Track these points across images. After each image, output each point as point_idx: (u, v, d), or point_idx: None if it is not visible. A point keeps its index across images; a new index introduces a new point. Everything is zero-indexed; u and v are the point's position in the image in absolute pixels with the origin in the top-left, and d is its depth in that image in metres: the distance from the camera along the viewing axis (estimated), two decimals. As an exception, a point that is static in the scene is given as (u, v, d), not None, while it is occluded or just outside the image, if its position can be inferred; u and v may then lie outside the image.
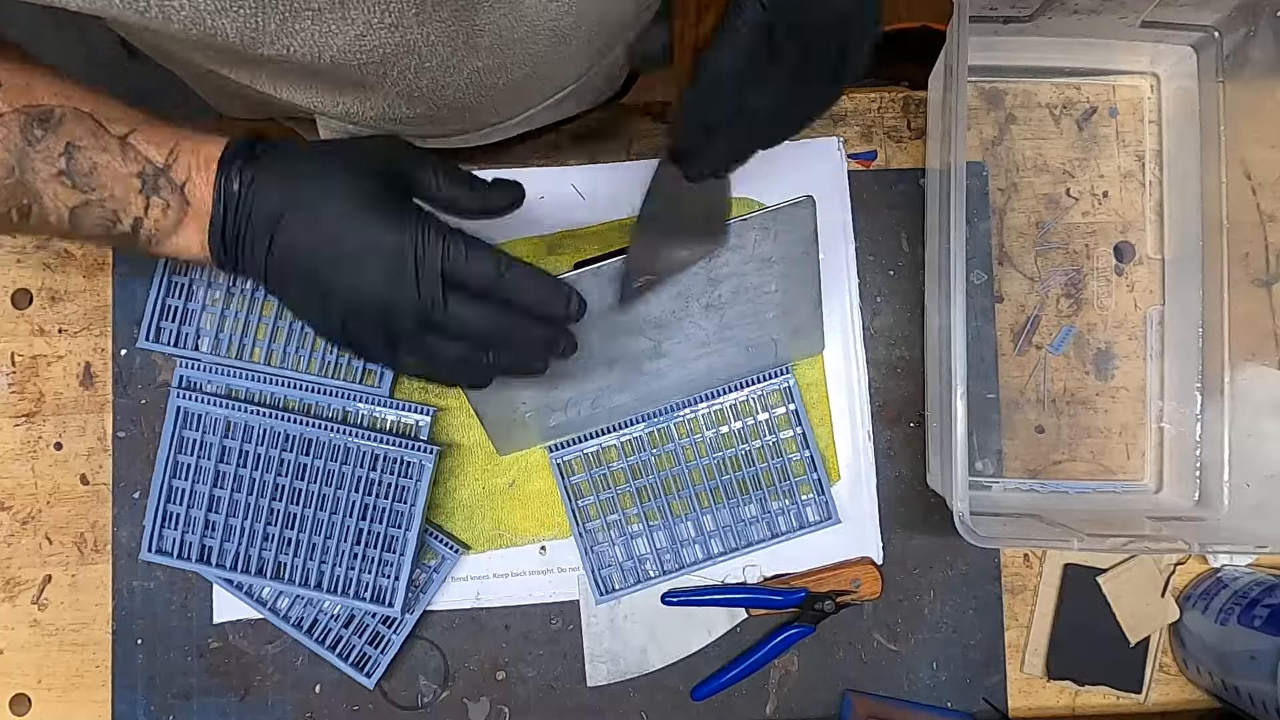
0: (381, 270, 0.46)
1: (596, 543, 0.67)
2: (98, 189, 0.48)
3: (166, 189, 0.48)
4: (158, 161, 0.48)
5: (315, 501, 0.65)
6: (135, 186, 0.48)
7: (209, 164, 0.48)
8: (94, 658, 0.67)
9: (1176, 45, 0.69)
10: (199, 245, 0.49)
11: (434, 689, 0.67)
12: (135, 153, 0.48)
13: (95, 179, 0.47)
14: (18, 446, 0.67)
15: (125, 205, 0.48)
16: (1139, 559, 0.68)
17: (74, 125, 0.48)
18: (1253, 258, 0.64)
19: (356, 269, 0.47)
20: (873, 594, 0.67)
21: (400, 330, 0.48)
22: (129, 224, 0.49)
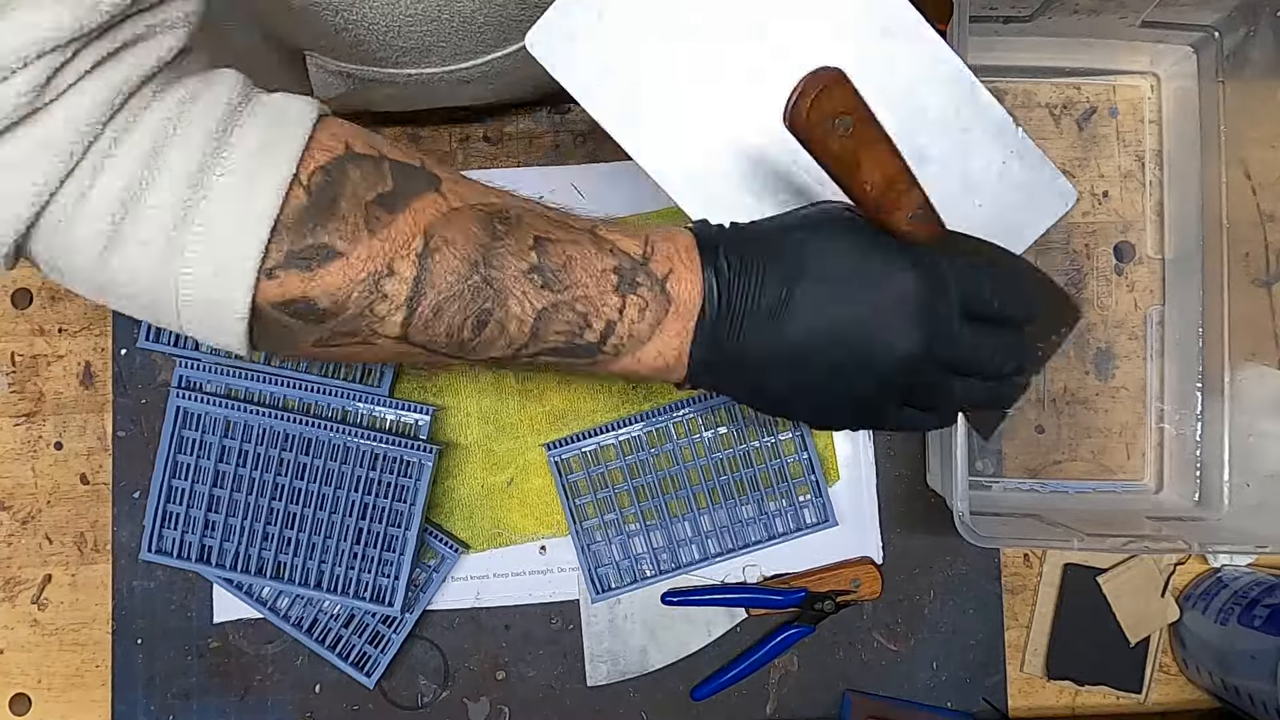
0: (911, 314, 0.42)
1: (593, 541, 0.67)
2: (571, 287, 0.41)
3: (646, 285, 0.42)
4: (635, 253, 0.42)
5: (315, 501, 0.65)
6: (611, 284, 0.42)
7: (689, 252, 0.43)
8: (94, 658, 0.67)
9: (1176, 45, 0.68)
10: (676, 351, 0.43)
11: (434, 689, 0.67)
12: (609, 245, 0.42)
13: (569, 275, 0.41)
14: (18, 446, 0.68)
15: (598, 306, 0.42)
16: (1139, 559, 0.68)
17: (535, 221, 0.42)
18: (1253, 258, 0.64)
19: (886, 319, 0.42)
20: (873, 594, 0.67)
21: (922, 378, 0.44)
22: (599, 329, 0.42)
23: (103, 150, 0.34)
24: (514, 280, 0.41)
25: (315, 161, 0.38)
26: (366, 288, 0.39)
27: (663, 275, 0.42)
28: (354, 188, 0.38)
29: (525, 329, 0.42)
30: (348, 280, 0.38)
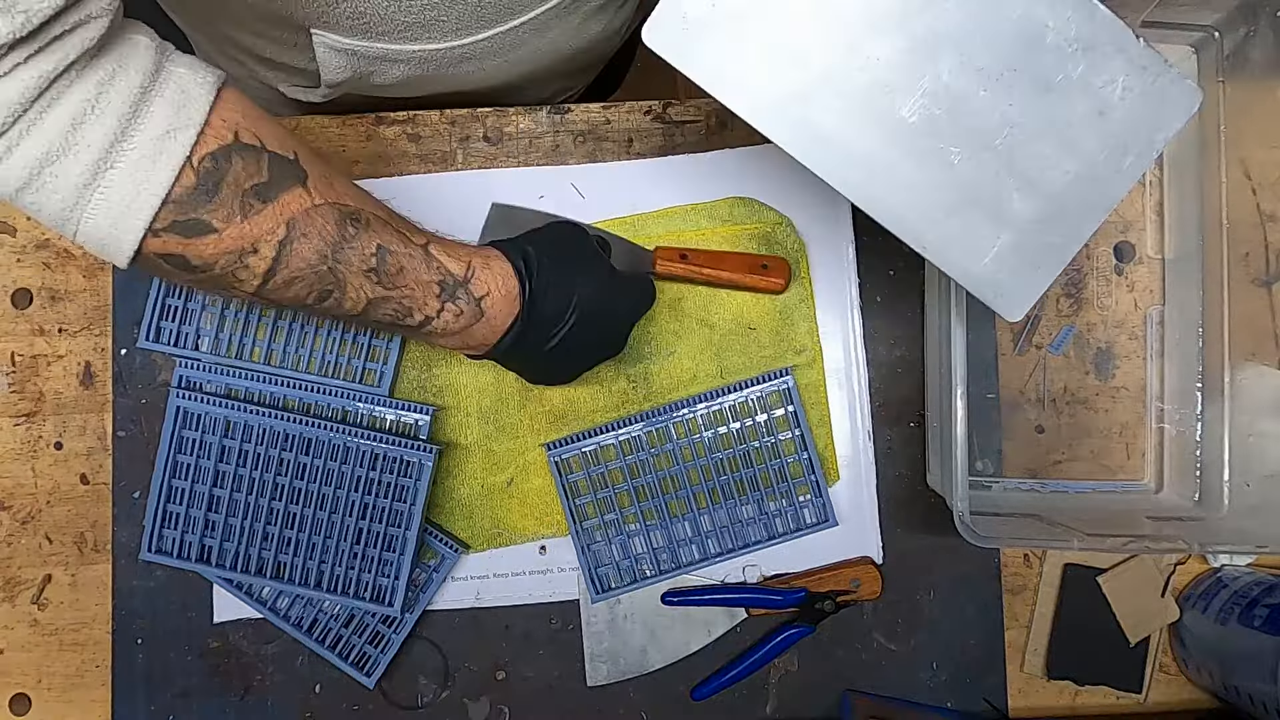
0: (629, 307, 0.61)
1: (593, 541, 0.67)
2: (400, 288, 0.52)
3: (464, 299, 0.54)
4: (457, 275, 0.53)
5: (315, 501, 0.65)
6: (434, 292, 0.53)
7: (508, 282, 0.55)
8: (94, 657, 0.67)
9: (1176, 45, 0.68)
10: (479, 342, 0.56)
11: (434, 689, 0.67)
12: (437, 264, 0.53)
13: (400, 280, 0.51)
14: (18, 446, 0.68)
15: (420, 305, 0.53)
16: (1139, 559, 0.68)
17: (381, 229, 0.51)
18: (1253, 258, 0.64)
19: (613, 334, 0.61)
20: (873, 594, 0.67)
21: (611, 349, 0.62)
22: (418, 320, 0.53)
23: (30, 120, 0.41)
24: (354, 274, 0.50)
25: (206, 148, 0.44)
26: (231, 259, 0.46)
27: (479, 295, 0.54)
28: (235, 176, 0.45)
29: (359, 308, 0.51)
30: (218, 251, 0.46)
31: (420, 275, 0.52)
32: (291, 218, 0.47)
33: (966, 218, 0.49)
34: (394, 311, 0.52)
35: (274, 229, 0.46)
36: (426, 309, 0.53)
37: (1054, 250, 0.50)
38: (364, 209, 0.51)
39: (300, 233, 0.47)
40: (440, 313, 0.53)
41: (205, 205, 0.45)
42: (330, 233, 0.48)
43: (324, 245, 0.48)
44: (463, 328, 0.55)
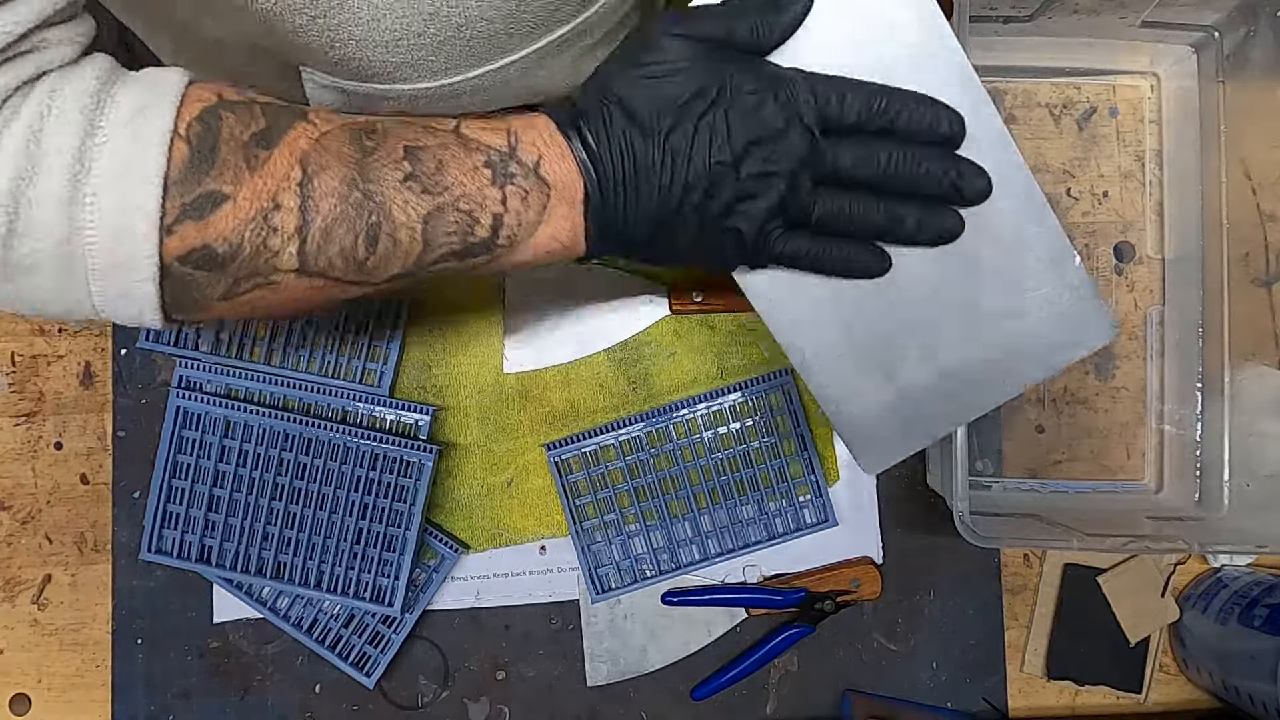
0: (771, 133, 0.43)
1: (594, 541, 0.67)
2: (449, 187, 0.42)
3: (520, 174, 0.43)
4: (500, 146, 0.43)
5: (315, 501, 0.65)
6: (486, 178, 0.43)
7: (553, 135, 0.44)
8: (94, 658, 0.67)
9: (1176, 45, 0.69)
10: (569, 232, 0.45)
11: (434, 689, 0.67)
12: (475, 142, 0.43)
13: (445, 176, 0.42)
14: (18, 446, 0.68)
15: (480, 202, 0.43)
16: (1139, 559, 0.68)
17: (401, 129, 0.43)
18: (1253, 258, 0.64)
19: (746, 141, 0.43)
20: (873, 594, 0.67)
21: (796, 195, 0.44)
22: (488, 224, 0.43)
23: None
24: (393, 190, 0.42)
25: (191, 114, 0.39)
26: (257, 225, 0.40)
27: (533, 162, 0.43)
28: (230, 131, 0.40)
29: (416, 236, 0.43)
30: (239, 221, 0.40)
31: (462, 162, 0.43)
32: (303, 153, 0.41)
33: (858, 363, 0.48)
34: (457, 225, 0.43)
35: (289, 171, 0.40)
36: (489, 204, 0.43)
37: (925, 424, 0.50)
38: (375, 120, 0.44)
39: (317, 165, 0.41)
40: (505, 202, 0.43)
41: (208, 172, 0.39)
42: (349, 153, 0.41)
43: (347, 169, 0.41)
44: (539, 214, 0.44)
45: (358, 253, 0.42)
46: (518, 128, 0.44)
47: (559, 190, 0.44)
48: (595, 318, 0.68)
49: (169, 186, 0.38)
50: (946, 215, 0.47)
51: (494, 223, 0.43)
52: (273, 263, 0.41)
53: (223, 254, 0.40)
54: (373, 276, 0.43)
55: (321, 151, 0.41)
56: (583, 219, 0.44)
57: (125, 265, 0.38)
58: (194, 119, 0.39)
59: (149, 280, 0.39)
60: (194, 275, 0.40)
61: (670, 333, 0.68)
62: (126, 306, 0.40)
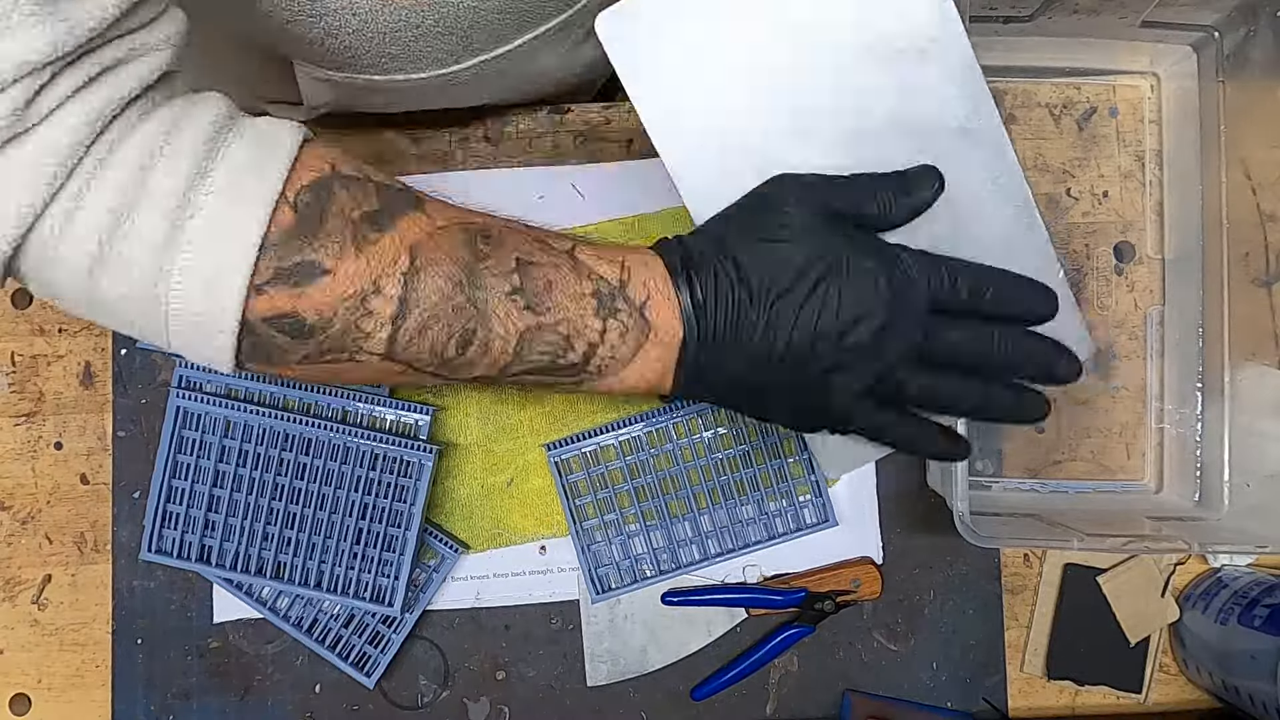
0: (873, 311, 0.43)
1: (594, 541, 0.67)
2: (552, 309, 0.42)
3: (625, 310, 0.43)
4: (612, 279, 0.43)
5: (315, 501, 0.65)
6: (592, 307, 0.43)
7: (665, 280, 0.44)
8: (94, 658, 0.67)
9: (1176, 45, 0.68)
10: (658, 373, 0.45)
11: (434, 689, 0.67)
12: (587, 269, 0.43)
13: (550, 298, 0.42)
14: (18, 446, 0.68)
15: (581, 329, 0.43)
16: (1139, 559, 0.68)
17: (518, 241, 0.43)
18: (1253, 258, 0.64)
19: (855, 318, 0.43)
20: (873, 594, 0.67)
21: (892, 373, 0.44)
22: (581, 351, 0.43)
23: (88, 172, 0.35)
24: (497, 301, 0.41)
25: (302, 181, 0.39)
26: (353, 305, 0.39)
27: (640, 302, 0.44)
28: (341, 206, 0.39)
29: (509, 349, 0.42)
30: (335, 297, 0.39)
31: (571, 287, 0.42)
32: (414, 243, 0.40)
33: None
34: (551, 346, 0.43)
35: (395, 259, 0.39)
36: (587, 333, 0.43)
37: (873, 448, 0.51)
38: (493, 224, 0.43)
39: (427, 259, 0.40)
40: (604, 334, 0.43)
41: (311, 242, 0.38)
42: (461, 255, 0.41)
43: (456, 270, 0.40)
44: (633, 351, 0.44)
45: (448, 351, 0.42)
46: (631, 264, 0.44)
47: (658, 333, 0.44)
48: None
49: (266, 247, 0.38)
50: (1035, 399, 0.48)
51: (587, 350, 0.44)
52: (361, 343, 0.41)
53: (311, 324, 0.39)
54: (455, 374, 0.43)
55: (434, 246, 0.40)
56: (675, 365, 0.45)
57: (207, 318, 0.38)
58: (304, 187, 0.39)
59: (228, 333, 0.39)
60: (277, 338, 0.40)
61: (670, 333, 0.68)
62: (200, 349, 0.40)
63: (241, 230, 0.37)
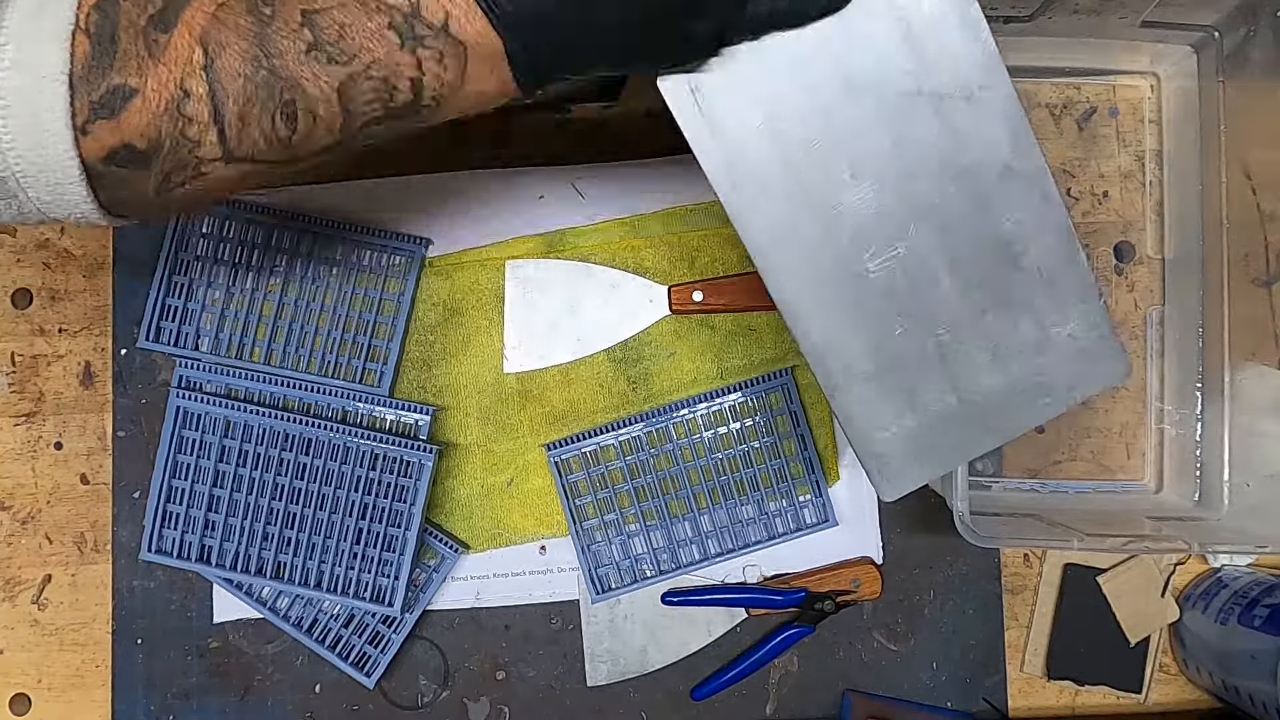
0: None
1: (594, 541, 0.67)
2: (357, 55, 0.39)
3: (430, 35, 0.40)
4: (402, 6, 0.40)
5: (315, 501, 0.65)
6: (395, 43, 0.39)
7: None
8: (94, 658, 0.67)
9: (1176, 45, 0.68)
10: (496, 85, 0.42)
11: (434, 689, 0.67)
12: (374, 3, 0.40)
13: (348, 43, 0.39)
14: (18, 446, 0.68)
15: (394, 68, 0.40)
16: (1139, 559, 0.68)
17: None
18: (1253, 258, 0.64)
19: None
20: (873, 594, 0.67)
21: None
22: (407, 89, 0.41)
23: None
24: (298, 64, 0.39)
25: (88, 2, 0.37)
26: (171, 115, 0.38)
27: (440, 22, 0.40)
28: (128, 16, 0.38)
29: (335, 109, 0.40)
30: (151, 114, 0.38)
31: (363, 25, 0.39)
32: (202, 32, 0.38)
33: (883, 387, 0.49)
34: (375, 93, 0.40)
35: (190, 55, 0.38)
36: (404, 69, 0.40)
37: (945, 452, 0.51)
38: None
39: (218, 45, 0.38)
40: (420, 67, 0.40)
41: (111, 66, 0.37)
42: (247, 26, 0.39)
43: (248, 45, 0.38)
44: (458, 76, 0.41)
45: (279, 132, 0.40)
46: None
47: (474, 49, 0.40)
48: (595, 318, 0.68)
49: (75, 84, 0.37)
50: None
51: (413, 86, 0.41)
52: (196, 154, 0.39)
53: (144, 151, 0.39)
54: (301, 152, 0.42)
55: (220, 27, 0.38)
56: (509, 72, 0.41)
57: (50, 169, 0.38)
58: (91, 7, 0.37)
59: (77, 182, 0.38)
60: (121, 174, 0.39)
61: (670, 333, 0.68)
62: (67, 209, 0.39)
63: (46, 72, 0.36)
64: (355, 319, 0.67)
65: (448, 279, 0.68)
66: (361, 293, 0.67)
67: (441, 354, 0.68)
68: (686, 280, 0.68)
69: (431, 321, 0.68)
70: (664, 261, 0.69)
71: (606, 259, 0.68)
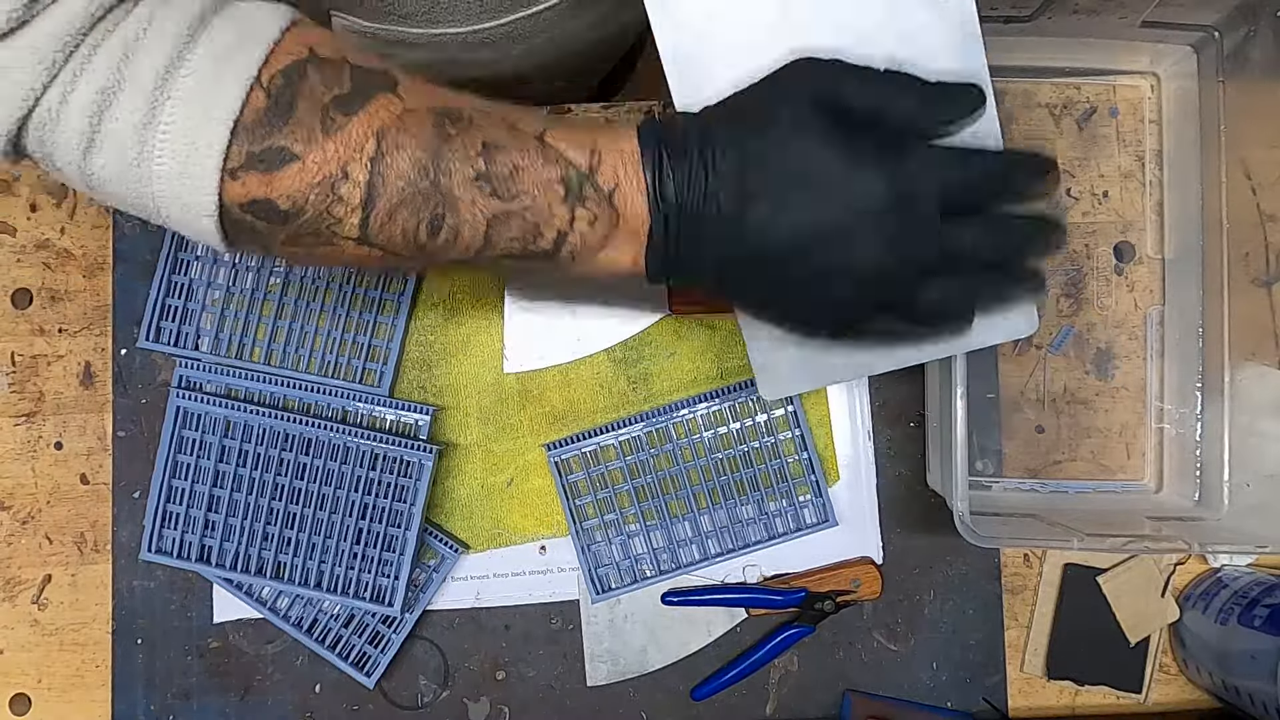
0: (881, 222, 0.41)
1: (594, 541, 0.67)
2: (519, 196, 0.42)
3: (593, 198, 0.42)
4: (580, 165, 0.42)
5: (315, 501, 0.65)
6: (559, 195, 0.42)
7: (635, 165, 0.42)
8: (94, 658, 0.67)
9: (1176, 45, 0.68)
10: (630, 259, 0.44)
11: (434, 689, 0.67)
12: (555, 154, 0.42)
13: (517, 184, 0.42)
14: (18, 446, 0.68)
15: (548, 217, 0.42)
16: (1139, 559, 0.68)
17: (486, 124, 0.42)
18: (1253, 258, 0.64)
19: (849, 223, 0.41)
20: (873, 594, 0.67)
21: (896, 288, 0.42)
22: (551, 239, 0.43)
23: (83, 56, 0.37)
24: (462, 187, 0.41)
25: (278, 64, 0.39)
26: (323, 191, 0.40)
27: (609, 189, 0.42)
28: (312, 90, 0.39)
29: (479, 235, 0.42)
30: (305, 184, 0.40)
31: (539, 173, 0.42)
32: (381, 127, 0.40)
33: None
34: (520, 233, 0.42)
35: (362, 144, 0.40)
36: (556, 220, 0.42)
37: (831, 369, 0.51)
38: (464, 106, 0.42)
39: (393, 144, 0.40)
40: (573, 222, 0.42)
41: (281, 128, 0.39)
42: (427, 138, 0.40)
43: (422, 154, 0.40)
44: (601, 240, 0.43)
45: (420, 236, 0.42)
46: (603, 148, 0.43)
47: (626, 221, 0.43)
48: (595, 318, 0.68)
49: (239, 132, 0.38)
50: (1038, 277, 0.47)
51: (557, 238, 0.43)
52: (334, 228, 0.41)
53: (284, 210, 0.40)
54: (431, 258, 0.44)
55: (400, 130, 0.40)
56: (644, 251, 0.44)
57: (187, 198, 0.39)
58: (279, 70, 0.39)
59: (209, 216, 0.40)
60: (254, 223, 0.41)
61: (670, 333, 0.68)
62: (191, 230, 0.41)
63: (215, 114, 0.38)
64: (355, 319, 0.67)
65: (448, 279, 0.68)
66: (361, 293, 0.67)
67: (441, 354, 0.68)
68: (686, 280, 0.68)
69: (431, 321, 0.68)
70: (664, 261, 0.69)
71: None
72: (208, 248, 0.67)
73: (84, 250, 0.68)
